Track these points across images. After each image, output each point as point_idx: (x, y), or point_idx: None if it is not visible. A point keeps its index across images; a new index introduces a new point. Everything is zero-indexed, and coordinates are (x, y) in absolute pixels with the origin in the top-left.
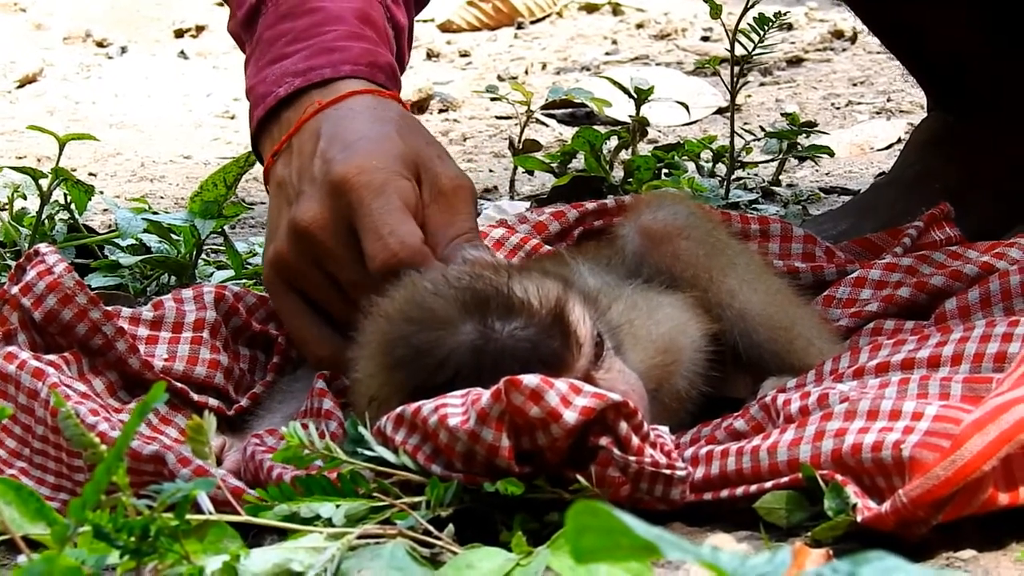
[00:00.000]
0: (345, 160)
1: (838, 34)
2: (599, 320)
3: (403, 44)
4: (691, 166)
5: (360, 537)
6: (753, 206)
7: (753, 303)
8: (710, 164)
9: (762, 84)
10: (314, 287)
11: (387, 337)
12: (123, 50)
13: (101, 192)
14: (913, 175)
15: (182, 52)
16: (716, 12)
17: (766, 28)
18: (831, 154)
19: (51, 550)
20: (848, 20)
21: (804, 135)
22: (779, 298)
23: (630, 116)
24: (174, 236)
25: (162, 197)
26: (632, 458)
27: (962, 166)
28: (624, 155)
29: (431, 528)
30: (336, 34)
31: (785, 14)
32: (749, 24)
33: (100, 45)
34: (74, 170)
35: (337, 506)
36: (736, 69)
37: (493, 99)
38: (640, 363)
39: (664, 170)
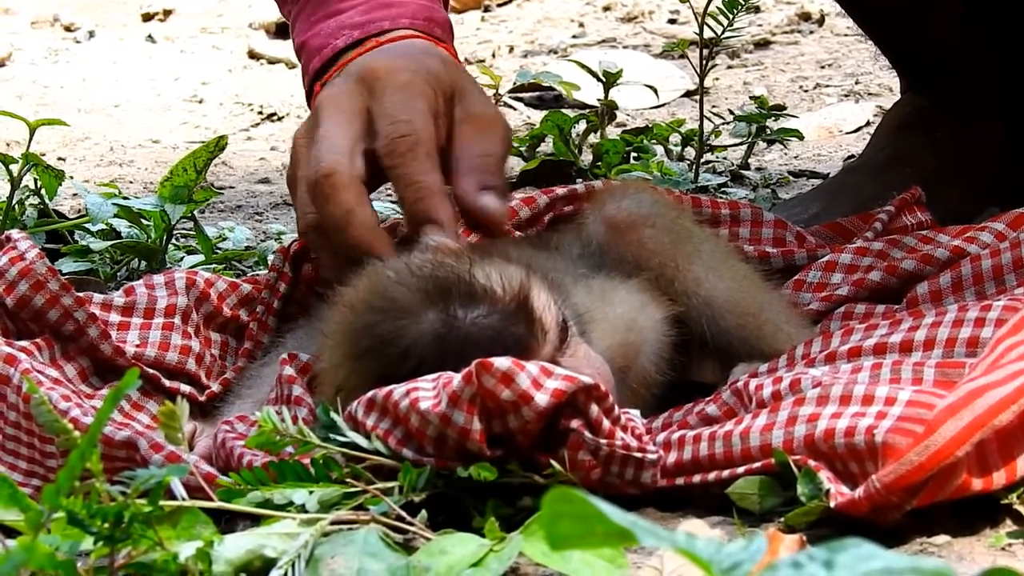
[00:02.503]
0: (375, 59)
1: (805, 16)
2: (563, 305)
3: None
4: (660, 150)
5: (333, 523)
6: (722, 190)
7: (719, 290)
8: (679, 148)
9: (730, 67)
10: (303, 166)
11: (351, 327)
12: (91, 34)
13: (71, 177)
14: (884, 159)
15: (150, 36)
16: None
17: (735, 11)
18: (800, 137)
19: (25, 536)
20: (815, 2)
21: (773, 118)
22: (746, 284)
23: (598, 99)
24: (144, 221)
25: (131, 182)
26: (603, 441)
27: (934, 150)
28: (593, 139)
29: (404, 514)
30: None
31: None
32: (717, 7)
33: (68, 29)
34: (43, 155)
35: (310, 492)
36: (704, 52)
37: None
38: (604, 345)
39: (633, 154)
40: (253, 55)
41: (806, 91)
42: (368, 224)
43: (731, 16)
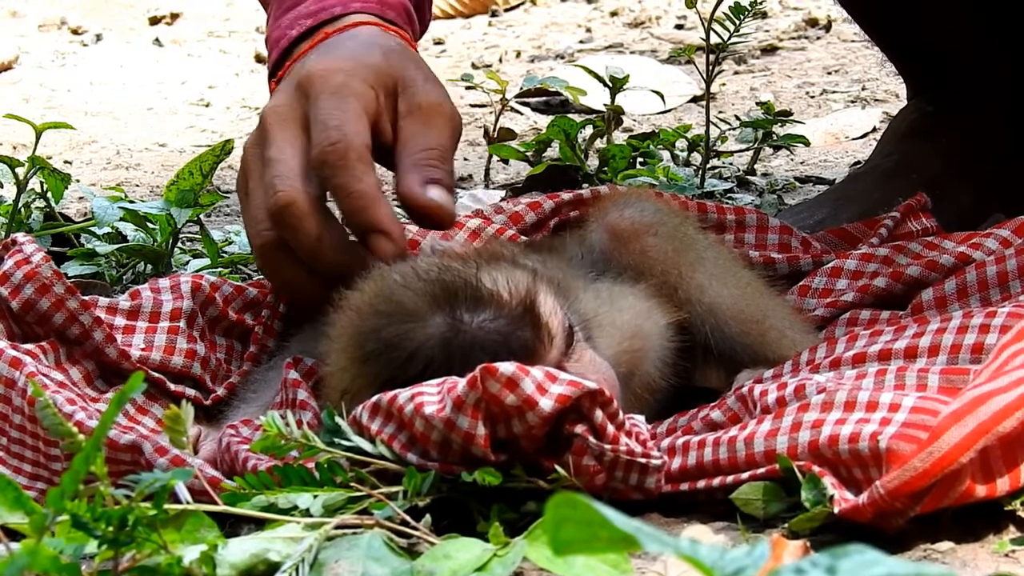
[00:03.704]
0: (315, 62)
1: (812, 22)
2: (569, 310)
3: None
4: (666, 155)
5: (337, 527)
6: (728, 195)
7: (723, 297)
8: (685, 153)
9: (736, 73)
10: (255, 181)
11: (357, 331)
12: (98, 38)
13: (77, 180)
14: (891, 165)
15: (157, 39)
16: (692, 2)
17: (742, 17)
18: (806, 143)
19: (29, 539)
20: (822, 8)
21: (779, 124)
22: (749, 291)
23: (605, 105)
24: (150, 225)
25: (137, 185)
26: (608, 446)
27: (940, 156)
28: (599, 144)
29: (408, 518)
30: None
31: (760, 2)
32: (724, 13)
33: (75, 33)
34: (49, 158)
35: (315, 496)
36: (711, 57)
37: (468, 87)
38: (609, 351)
39: (639, 159)
40: (260, 59)
41: (812, 97)
42: (341, 245)
43: (738, 22)
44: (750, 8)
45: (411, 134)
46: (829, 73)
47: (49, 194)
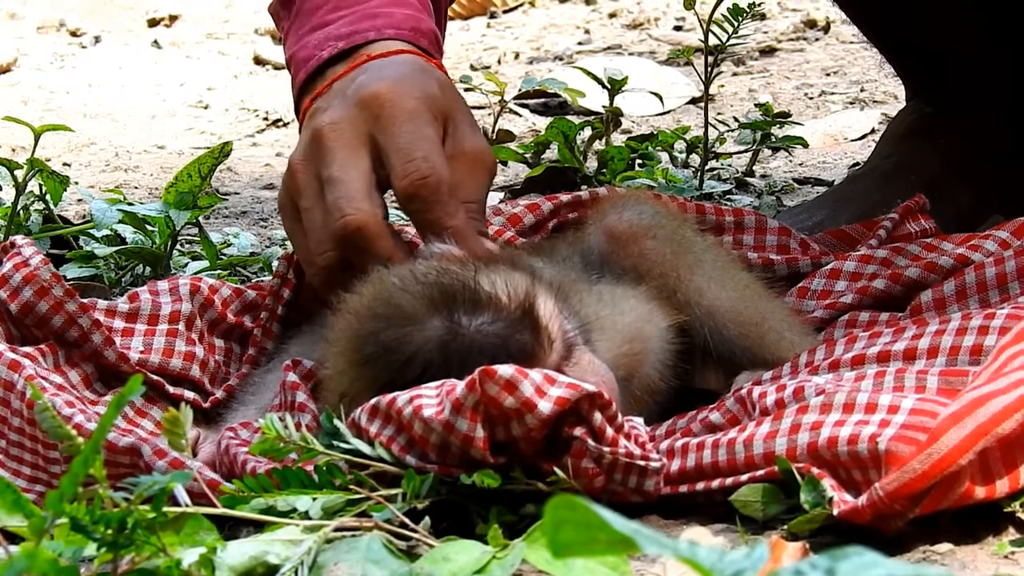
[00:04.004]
0: (378, 80)
1: (811, 24)
2: (569, 313)
3: (441, 18)
4: (665, 156)
5: (336, 530)
6: (727, 197)
7: (722, 300)
8: (684, 155)
9: (735, 74)
10: (311, 200)
11: (356, 334)
12: (97, 40)
13: (76, 182)
14: (890, 166)
15: (155, 42)
16: (690, 3)
17: (740, 18)
18: (805, 145)
19: (28, 542)
20: (821, 10)
21: (778, 125)
22: (748, 293)
23: (604, 106)
24: (149, 227)
25: (136, 187)
26: (606, 449)
27: (939, 157)
28: (598, 145)
29: (407, 521)
30: (379, 1)
31: (759, 4)
32: (723, 14)
33: (74, 35)
34: (48, 160)
35: (314, 499)
36: (710, 59)
37: (467, 89)
38: (609, 354)
39: (638, 161)
40: (259, 61)
41: (811, 98)
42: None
43: (736, 23)
44: (748, 10)
45: (457, 181)
46: (828, 74)
47: (48, 196)
